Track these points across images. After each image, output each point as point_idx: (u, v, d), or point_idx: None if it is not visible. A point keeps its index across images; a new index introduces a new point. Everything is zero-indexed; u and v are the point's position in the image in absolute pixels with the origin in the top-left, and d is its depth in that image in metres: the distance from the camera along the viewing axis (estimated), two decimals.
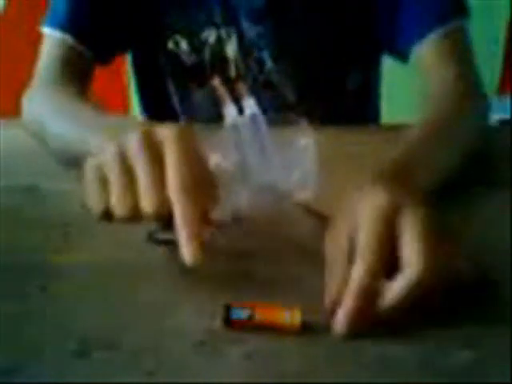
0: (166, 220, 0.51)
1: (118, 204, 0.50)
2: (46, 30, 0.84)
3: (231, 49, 0.86)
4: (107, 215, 0.51)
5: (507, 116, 1.80)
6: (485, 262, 0.54)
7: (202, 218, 0.50)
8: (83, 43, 0.82)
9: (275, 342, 0.48)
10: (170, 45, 0.86)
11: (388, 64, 0.99)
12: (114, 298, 0.53)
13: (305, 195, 0.61)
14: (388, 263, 0.48)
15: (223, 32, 0.85)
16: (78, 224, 0.62)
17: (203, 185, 0.52)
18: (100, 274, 0.55)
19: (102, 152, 0.52)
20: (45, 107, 0.76)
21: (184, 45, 0.86)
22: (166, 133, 0.51)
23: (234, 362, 0.47)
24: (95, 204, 0.51)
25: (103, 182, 0.51)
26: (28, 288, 0.54)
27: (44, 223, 0.63)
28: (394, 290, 0.46)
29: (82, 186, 0.53)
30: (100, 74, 0.88)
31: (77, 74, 0.83)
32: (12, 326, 0.50)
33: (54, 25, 0.83)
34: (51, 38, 0.83)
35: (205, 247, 0.49)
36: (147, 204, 0.49)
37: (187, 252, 0.49)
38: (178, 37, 0.86)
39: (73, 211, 0.65)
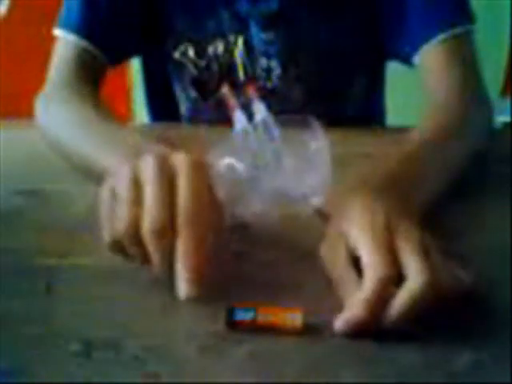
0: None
1: (122, 227, 0.50)
2: (60, 33, 0.84)
3: (239, 53, 0.86)
4: (118, 246, 0.51)
5: (507, 118, 1.80)
6: (484, 263, 0.55)
7: (204, 252, 0.50)
8: (97, 46, 0.82)
9: (277, 342, 0.48)
10: (177, 55, 0.86)
11: (393, 66, 0.99)
12: (117, 299, 0.53)
13: (318, 201, 0.61)
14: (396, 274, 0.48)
15: (231, 38, 0.85)
16: (81, 226, 0.62)
17: (211, 218, 0.51)
18: (103, 276, 0.55)
19: (116, 175, 0.52)
20: (60, 117, 0.76)
21: (191, 53, 0.86)
22: (179, 162, 0.51)
23: (236, 362, 0.47)
24: (106, 234, 0.52)
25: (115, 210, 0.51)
26: (32, 289, 0.54)
27: (47, 225, 0.63)
28: (397, 302, 0.47)
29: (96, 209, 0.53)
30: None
31: (90, 76, 0.83)
32: (16, 326, 0.50)
33: (68, 27, 0.83)
34: (64, 41, 0.83)
35: (201, 282, 0.49)
36: (148, 221, 0.49)
37: (182, 286, 0.49)
38: (185, 46, 0.86)
39: (76, 213, 0.65)
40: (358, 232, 0.51)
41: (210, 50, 0.86)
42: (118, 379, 0.45)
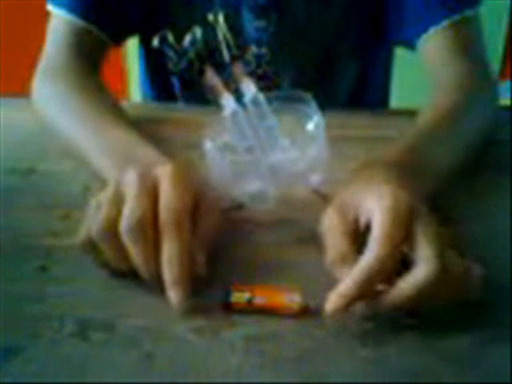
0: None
1: (97, 225, 0.50)
2: (52, 9, 0.82)
3: (221, 31, 0.85)
4: (90, 244, 0.51)
5: (506, 101, 1.80)
6: (484, 247, 0.55)
7: (192, 256, 0.50)
8: (92, 24, 0.80)
9: (274, 324, 0.48)
10: (155, 41, 0.84)
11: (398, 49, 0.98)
12: (113, 280, 0.53)
13: (317, 179, 0.61)
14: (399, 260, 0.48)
15: (211, 17, 0.84)
16: (77, 206, 0.61)
17: (199, 216, 0.52)
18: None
19: (105, 189, 0.53)
20: (53, 105, 0.75)
21: (171, 40, 0.84)
22: (161, 172, 0.52)
23: (232, 344, 0.47)
24: (81, 233, 0.52)
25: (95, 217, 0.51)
26: (27, 269, 0.54)
27: (42, 205, 0.63)
28: (408, 282, 0.46)
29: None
30: None
31: (86, 54, 0.81)
32: (11, 306, 0.50)
33: (60, 4, 0.81)
34: (57, 17, 0.82)
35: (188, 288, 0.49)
36: (125, 217, 0.49)
37: (171, 295, 0.49)
38: (163, 32, 0.84)
39: (71, 193, 0.65)
40: (379, 206, 0.49)
41: (188, 37, 0.84)
42: (113, 360, 0.45)
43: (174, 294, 0.49)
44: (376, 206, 0.49)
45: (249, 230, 0.58)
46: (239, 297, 0.49)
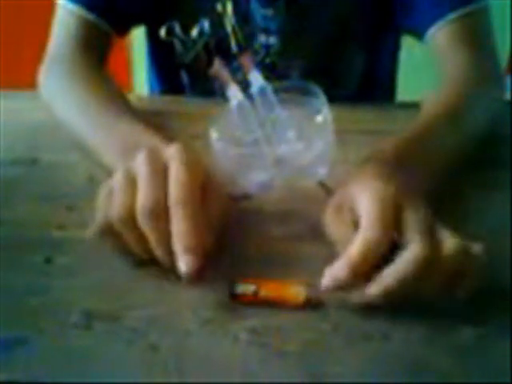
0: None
1: (116, 211, 0.50)
2: (60, 1, 0.82)
3: (229, 22, 0.84)
4: (107, 231, 0.51)
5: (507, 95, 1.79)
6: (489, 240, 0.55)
7: (202, 230, 0.50)
8: (99, 17, 0.80)
9: (279, 317, 0.48)
10: (162, 32, 0.84)
11: (405, 44, 0.98)
12: (117, 271, 0.53)
13: (323, 171, 0.60)
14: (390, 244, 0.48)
15: (219, 7, 0.83)
16: (81, 196, 0.61)
17: (206, 197, 0.52)
18: (104, 248, 0.55)
19: (113, 175, 0.53)
20: (60, 95, 0.75)
21: (178, 31, 0.83)
22: (170, 151, 0.53)
23: (237, 336, 0.47)
24: (99, 218, 0.52)
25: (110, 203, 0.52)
26: (31, 260, 0.54)
27: (46, 196, 0.63)
28: (399, 264, 0.46)
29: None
30: None
31: (92, 46, 0.81)
32: (15, 298, 0.50)
33: None
34: (64, 9, 0.82)
35: (202, 258, 0.49)
36: (141, 203, 0.49)
37: (180, 264, 0.49)
38: (170, 23, 0.84)
39: (75, 183, 0.64)
40: (366, 197, 0.50)
41: (196, 28, 0.84)
42: (117, 351, 0.45)
43: (183, 263, 0.48)
44: (364, 202, 0.50)
45: (254, 222, 0.58)
46: (245, 289, 0.49)
